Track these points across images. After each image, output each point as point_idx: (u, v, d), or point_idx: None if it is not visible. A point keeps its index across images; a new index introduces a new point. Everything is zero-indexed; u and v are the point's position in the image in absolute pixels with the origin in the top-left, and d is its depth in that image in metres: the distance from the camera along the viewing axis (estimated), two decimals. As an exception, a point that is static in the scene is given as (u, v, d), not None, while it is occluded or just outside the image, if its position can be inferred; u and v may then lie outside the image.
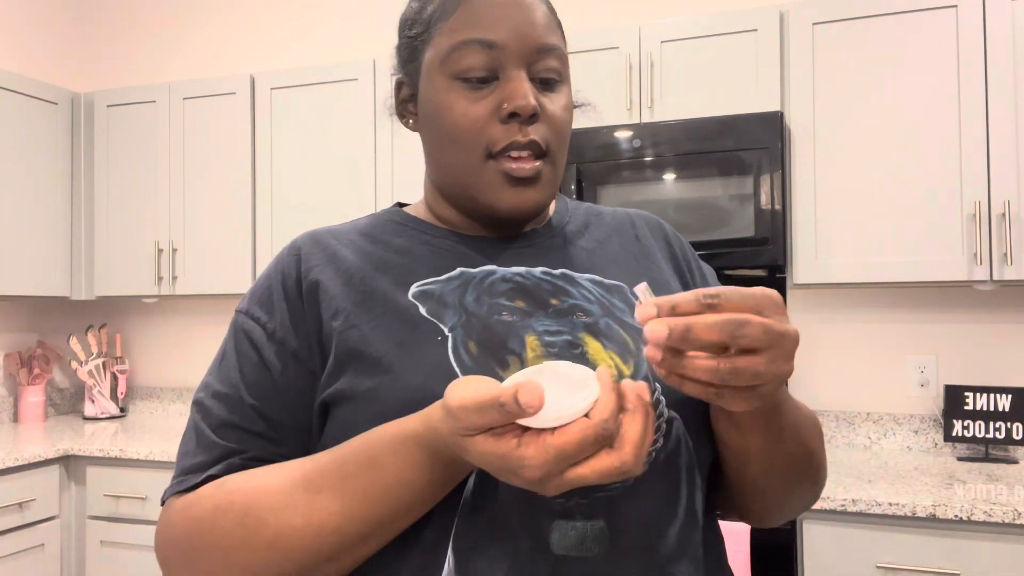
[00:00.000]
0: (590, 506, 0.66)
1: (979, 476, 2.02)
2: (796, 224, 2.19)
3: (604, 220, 0.87)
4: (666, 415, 0.70)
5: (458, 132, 0.75)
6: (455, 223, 0.82)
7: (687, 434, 0.71)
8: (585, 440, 0.53)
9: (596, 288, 0.77)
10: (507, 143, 0.74)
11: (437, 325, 0.72)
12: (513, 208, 0.76)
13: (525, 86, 0.74)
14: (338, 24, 3.12)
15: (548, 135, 0.76)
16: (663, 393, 0.71)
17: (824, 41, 2.18)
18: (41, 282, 2.89)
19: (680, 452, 0.70)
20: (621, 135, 2.26)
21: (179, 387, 3.30)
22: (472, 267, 0.77)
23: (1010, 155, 2.00)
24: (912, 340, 2.40)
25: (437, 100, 0.76)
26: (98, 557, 2.58)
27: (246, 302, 0.79)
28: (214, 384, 0.76)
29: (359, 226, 0.83)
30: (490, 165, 0.75)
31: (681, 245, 0.89)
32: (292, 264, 0.78)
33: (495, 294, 0.75)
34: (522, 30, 0.74)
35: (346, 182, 2.69)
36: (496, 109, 0.74)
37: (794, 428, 0.72)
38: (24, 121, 2.84)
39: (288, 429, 0.73)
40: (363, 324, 0.72)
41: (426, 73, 0.78)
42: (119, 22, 3.47)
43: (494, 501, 0.66)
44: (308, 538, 0.65)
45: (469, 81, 0.75)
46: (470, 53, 0.74)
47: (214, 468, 0.72)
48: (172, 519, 0.72)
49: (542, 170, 0.76)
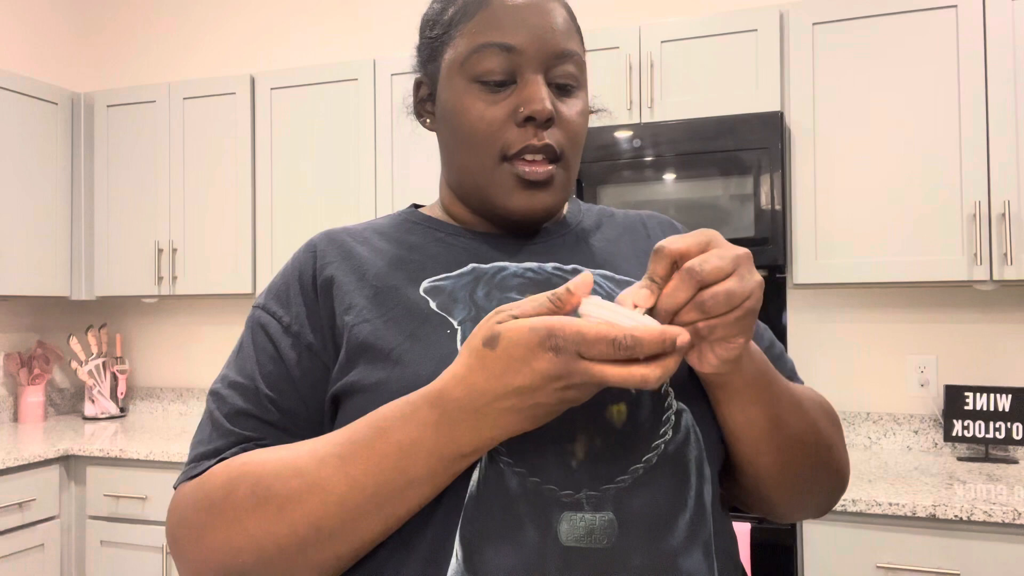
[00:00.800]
0: (599, 498, 0.66)
1: (979, 476, 2.02)
2: (796, 224, 2.19)
3: (616, 220, 0.89)
4: (675, 407, 0.71)
5: (474, 134, 0.77)
6: (470, 222, 0.84)
7: (696, 426, 0.71)
8: (611, 332, 0.55)
9: (608, 283, 0.78)
10: (522, 146, 0.75)
11: (447, 319, 0.73)
12: (525, 210, 0.77)
13: (542, 91, 0.75)
14: (338, 24, 3.12)
15: (562, 140, 0.77)
16: (672, 385, 0.71)
17: (824, 41, 2.18)
18: (41, 282, 2.89)
19: (689, 443, 0.71)
20: (621, 135, 2.26)
21: (179, 387, 3.30)
22: (484, 263, 0.79)
23: (1010, 155, 2.00)
24: (912, 340, 2.40)
25: (455, 102, 0.78)
26: (98, 557, 2.59)
27: (263, 297, 0.81)
28: (231, 375, 0.78)
29: (375, 225, 0.86)
30: (504, 168, 0.77)
31: None
32: (308, 261, 0.81)
33: (506, 288, 0.76)
34: (541, 35, 0.76)
35: (346, 182, 2.69)
36: (512, 112, 0.76)
37: (795, 406, 0.73)
38: (24, 121, 2.84)
39: (302, 420, 0.75)
40: (375, 318, 0.74)
41: (445, 74, 0.80)
42: (119, 22, 3.47)
43: (501, 493, 0.66)
44: (312, 506, 0.65)
45: (487, 84, 0.76)
46: (489, 56, 0.76)
47: (227, 453, 0.73)
48: (183, 500, 0.73)
49: (555, 174, 0.77)
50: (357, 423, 0.67)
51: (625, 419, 0.69)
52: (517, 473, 0.66)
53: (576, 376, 0.56)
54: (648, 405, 0.70)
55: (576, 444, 0.67)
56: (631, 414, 0.69)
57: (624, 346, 0.54)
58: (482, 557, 0.65)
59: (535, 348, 0.56)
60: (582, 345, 0.55)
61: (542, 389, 0.58)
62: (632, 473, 0.67)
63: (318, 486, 0.65)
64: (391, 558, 0.68)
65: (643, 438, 0.69)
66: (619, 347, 0.54)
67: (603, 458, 0.67)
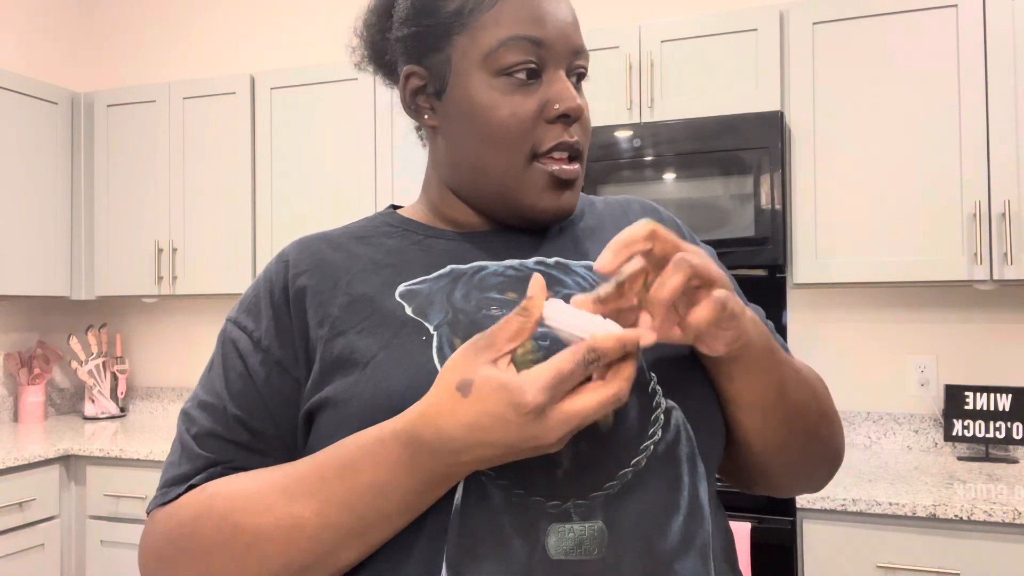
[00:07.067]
0: (587, 507, 0.64)
1: (979, 476, 2.02)
2: (796, 224, 2.19)
3: (596, 209, 0.86)
4: (664, 405, 0.68)
5: (505, 131, 0.73)
6: (464, 223, 0.80)
7: (687, 423, 0.69)
8: (576, 356, 0.56)
9: (591, 275, 0.76)
10: (554, 143, 0.73)
11: (422, 324, 0.70)
12: (556, 210, 0.76)
13: (571, 87, 0.74)
14: (338, 24, 3.12)
15: (582, 137, 0.76)
16: (659, 382, 0.69)
17: (824, 41, 2.18)
18: (41, 282, 2.89)
19: (680, 441, 0.68)
20: (621, 135, 2.26)
21: (179, 387, 3.30)
22: (463, 264, 0.76)
23: (1010, 155, 2.00)
24: (912, 340, 2.40)
25: (478, 98, 0.74)
26: (98, 557, 2.59)
27: (235, 310, 0.78)
28: (200, 394, 0.76)
29: (351, 229, 0.82)
30: (535, 167, 0.74)
31: (676, 227, 0.87)
32: (280, 271, 0.77)
33: (485, 288, 0.73)
34: (565, 29, 0.74)
35: (346, 182, 2.69)
36: (542, 109, 0.73)
37: (795, 372, 0.74)
38: (24, 121, 2.84)
39: (272, 439, 0.72)
40: (349, 330, 0.71)
41: (461, 68, 0.75)
42: (119, 22, 3.47)
43: (485, 508, 0.64)
44: (283, 544, 0.64)
45: (515, 79, 0.73)
46: (518, 50, 0.72)
47: (196, 478, 0.72)
48: (155, 529, 0.72)
49: (579, 173, 0.76)
50: (327, 455, 0.65)
51: (612, 421, 0.66)
52: (500, 486, 0.64)
53: (550, 434, 0.56)
54: (636, 405, 0.67)
55: (561, 452, 0.64)
56: (618, 415, 0.66)
57: (588, 360, 0.56)
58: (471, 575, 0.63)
59: (506, 408, 0.56)
60: (556, 392, 0.56)
61: (515, 447, 0.57)
62: (621, 478, 0.65)
63: (288, 524, 0.64)
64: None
65: (631, 440, 0.66)
66: (585, 363, 0.56)
67: (590, 464, 0.65)
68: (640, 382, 0.68)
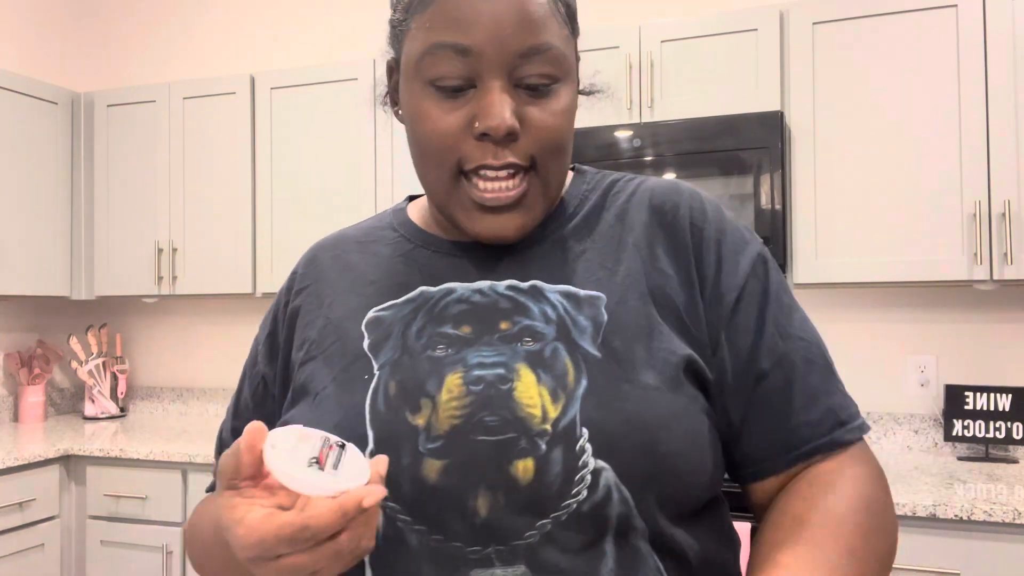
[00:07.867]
0: (509, 552, 0.62)
1: (979, 476, 2.02)
2: (796, 224, 2.19)
3: (610, 212, 0.76)
4: (592, 465, 0.63)
5: (429, 145, 0.68)
6: (450, 228, 0.76)
7: (620, 483, 0.63)
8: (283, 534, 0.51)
9: (564, 302, 0.69)
10: (478, 164, 0.66)
11: (370, 362, 0.69)
12: (493, 235, 0.69)
13: (498, 101, 0.65)
14: (338, 24, 3.12)
15: (534, 148, 0.67)
16: (590, 440, 0.63)
17: (824, 41, 2.18)
18: (41, 282, 2.89)
19: (611, 502, 0.63)
20: (621, 135, 2.26)
21: (179, 387, 3.30)
22: (436, 284, 0.72)
23: (1010, 155, 2.00)
24: (912, 340, 2.40)
25: (412, 105, 0.69)
26: (98, 557, 2.58)
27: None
28: (232, 399, 0.83)
29: (363, 228, 0.82)
30: (463, 186, 0.68)
31: (699, 233, 0.73)
32: (287, 287, 0.81)
33: (443, 320, 0.69)
34: (501, 33, 0.64)
35: (346, 182, 2.69)
36: (469, 122, 0.66)
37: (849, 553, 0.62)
38: (24, 121, 2.84)
39: None
40: (318, 355, 0.72)
41: (403, 71, 0.71)
42: (119, 22, 3.47)
43: (403, 552, 0.63)
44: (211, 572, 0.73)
45: (442, 89, 0.66)
46: (442, 59, 0.65)
47: None
48: (191, 519, 0.80)
49: (528, 189, 0.68)
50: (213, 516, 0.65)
51: (532, 476, 0.62)
52: (417, 531, 0.63)
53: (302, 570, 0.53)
54: (559, 462, 0.62)
55: (478, 501, 0.62)
56: (539, 470, 0.62)
57: (301, 539, 0.50)
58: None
59: (236, 549, 0.54)
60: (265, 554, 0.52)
61: None
62: (540, 529, 0.62)
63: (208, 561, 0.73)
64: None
65: (552, 496, 0.62)
66: (295, 542, 0.51)
67: (508, 515, 0.62)
68: (569, 440, 0.63)
